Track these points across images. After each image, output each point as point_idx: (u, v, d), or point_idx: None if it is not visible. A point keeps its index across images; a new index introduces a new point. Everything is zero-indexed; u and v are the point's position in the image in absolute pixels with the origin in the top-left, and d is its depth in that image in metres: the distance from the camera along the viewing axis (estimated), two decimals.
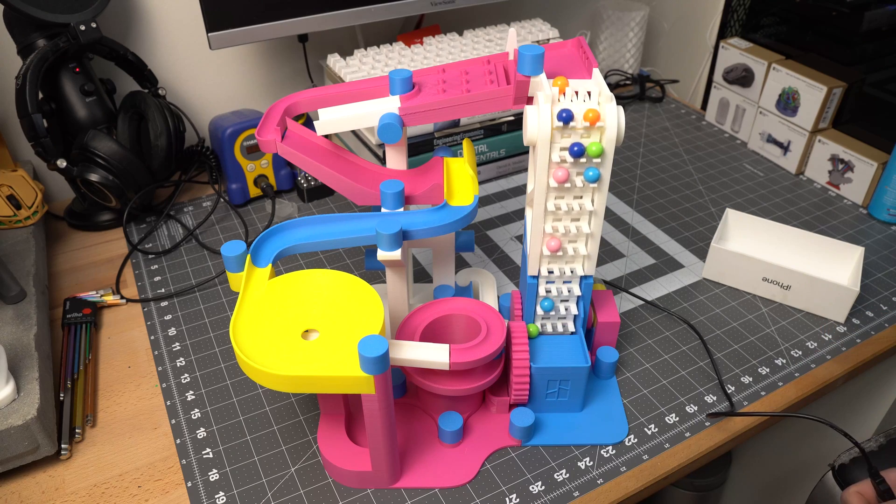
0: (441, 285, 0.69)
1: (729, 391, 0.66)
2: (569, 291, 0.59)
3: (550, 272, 0.58)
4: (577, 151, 0.51)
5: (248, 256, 0.55)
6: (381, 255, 0.55)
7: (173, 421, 0.63)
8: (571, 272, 0.58)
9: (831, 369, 0.68)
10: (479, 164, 0.96)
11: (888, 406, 0.87)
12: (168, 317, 0.75)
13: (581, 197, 0.54)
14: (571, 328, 0.62)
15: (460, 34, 1.01)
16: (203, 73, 0.99)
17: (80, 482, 0.59)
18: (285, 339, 0.49)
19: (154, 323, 0.74)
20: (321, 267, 0.82)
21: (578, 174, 0.53)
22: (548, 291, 0.59)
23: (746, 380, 0.67)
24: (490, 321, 0.59)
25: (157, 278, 0.80)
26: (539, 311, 0.60)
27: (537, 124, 0.50)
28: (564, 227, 0.55)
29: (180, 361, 0.69)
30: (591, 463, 0.59)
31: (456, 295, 0.69)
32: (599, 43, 1.22)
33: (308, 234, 0.57)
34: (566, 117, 0.50)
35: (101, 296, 0.77)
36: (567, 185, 0.53)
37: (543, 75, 0.53)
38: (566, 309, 0.61)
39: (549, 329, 0.62)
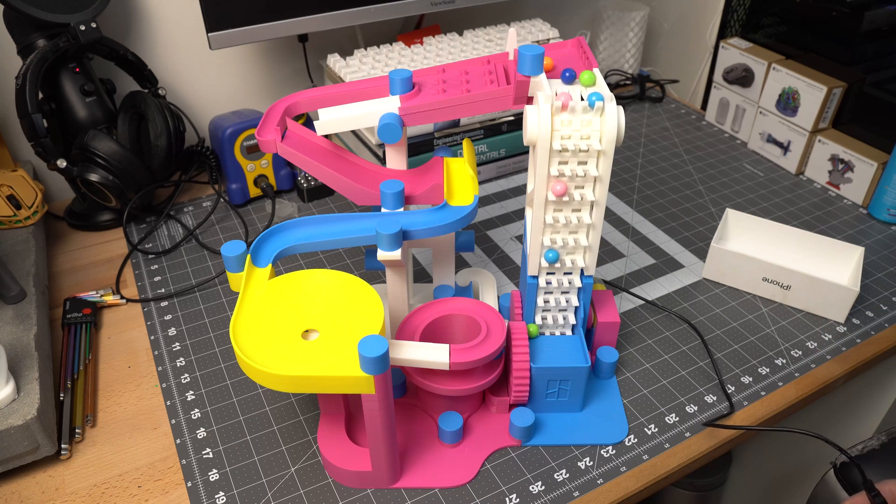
0: (441, 285, 0.69)
1: (729, 391, 0.66)
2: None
3: (556, 220, 0.55)
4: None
5: (248, 256, 0.55)
6: (381, 255, 0.55)
7: (173, 421, 0.63)
8: (578, 221, 0.56)
9: (831, 369, 0.68)
10: (479, 164, 0.96)
11: (888, 406, 0.87)
12: (168, 317, 0.75)
13: (588, 135, 0.52)
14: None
15: (460, 34, 1.01)
16: (203, 73, 0.99)
17: (80, 482, 0.59)
18: (285, 339, 0.49)
19: (154, 323, 0.74)
20: (321, 267, 0.82)
21: (584, 108, 0.51)
22: (553, 242, 0.57)
23: (746, 380, 0.67)
24: (490, 321, 0.59)
25: (157, 278, 0.80)
26: (543, 263, 0.58)
27: (537, 124, 0.50)
28: (571, 171, 0.53)
29: (180, 361, 0.69)
30: (591, 463, 0.59)
31: (456, 295, 0.69)
32: (599, 43, 1.22)
33: (308, 234, 0.57)
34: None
35: (101, 296, 0.77)
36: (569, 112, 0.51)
37: (543, 75, 0.53)
38: (567, 302, 0.61)
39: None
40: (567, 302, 0.60)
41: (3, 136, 0.89)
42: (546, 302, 0.60)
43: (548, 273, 0.59)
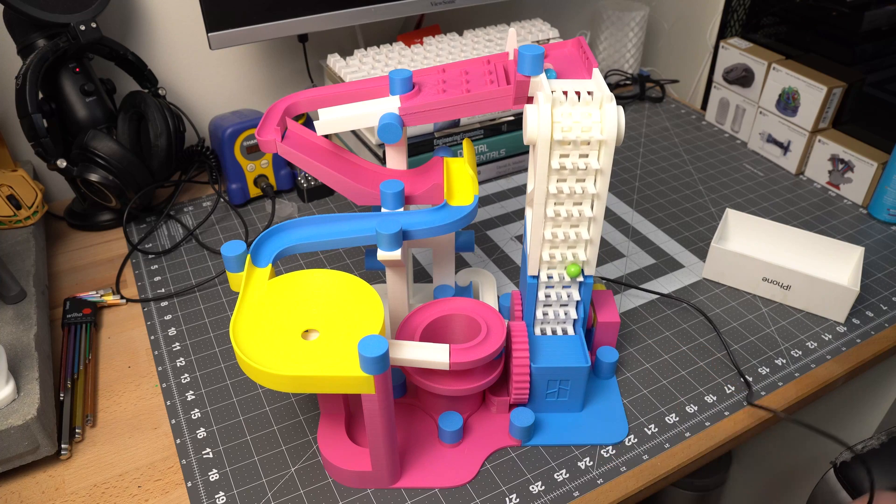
0: (441, 285, 0.69)
1: (728, 391, 0.66)
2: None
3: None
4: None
5: (248, 256, 0.55)
6: (381, 255, 0.55)
7: (173, 421, 0.63)
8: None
9: (831, 369, 0.68)
10: (479, 164, 0.96)
11: (888, 406, 0.87)
12: (168, 317, 0.75)
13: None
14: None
15: (460, 34, 1.01)
16: (203, 73, 0.99)
17: (80, 482, 0.59)
18: (285, 339, 0.49)
19: (154, 323, 0.74)
20: (321, 267, 0.82)
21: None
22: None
23: (747, 379, 0.67)
24: (490, 321, 0.59)
25: (157, 278, 0.80)
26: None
27: (537, 123, 0.50)
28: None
29: (180, 361, 0.69)
30: (591, 463, 0.59)
31: (456, 295, 0.69)
32: (599, 43, 1.22)
33: (308, 234, 0.57)
34: None
35: (101, 296, 0.77)
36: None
37: (543, 75, 0.53)
38: (568, 296, 0.61)
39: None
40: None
41: (3, 136, 0.89)
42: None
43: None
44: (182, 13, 0.93)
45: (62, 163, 0.78)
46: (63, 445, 0.60)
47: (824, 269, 0.78)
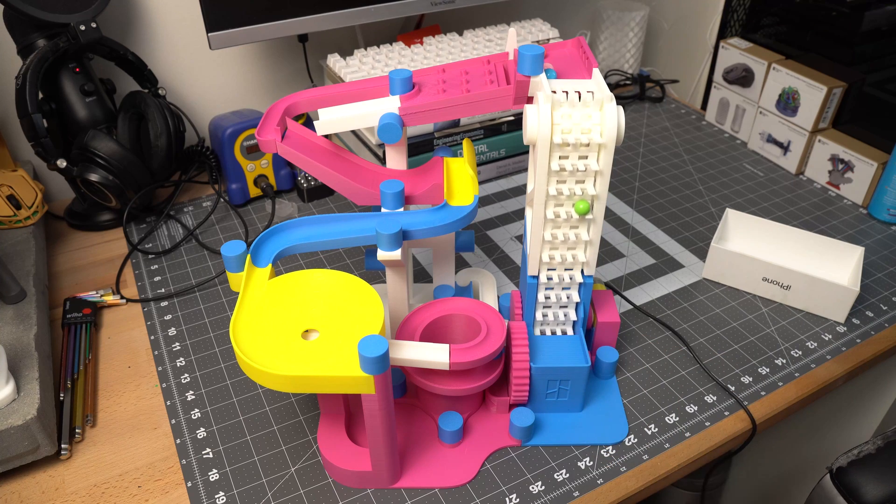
0: (441, 285, 0.69)
1: (730, 391, 0.66)
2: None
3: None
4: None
5: (248, 256, 0.55)
6: (381, 255, 0.55)
7: (173, 421, 0.63)
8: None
9: (831, 369, 0.68)
10: (479, 164, 0.96)
11: (888, 406, 0.87)
12: (168, 317, 0.75)
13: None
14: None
15: (460, 34, 1.01)
16: (203, 73, 0.99)
17: (80, 482, 0.59)
18: (285, 339, 0.49)
19: (154, 323, 0.74)
20: (321, 267, 0.82)
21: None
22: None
23: (746, 380, 0.67)
24: (490, 321, 0.59)
25: (157, 278, 0.80)
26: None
27: (537, 123, 0.50)
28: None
29: (180, 361, 0.69)
30: (591, 463, 0.59)
31: (456, 295, 0.69)
32: (599, 43, 1.22)
33: (308, 234, 0.57)
34: None
35: (101, 296, 0.77)
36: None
37: (543, 75, 0.53)
38: (567, 297, 0.61)
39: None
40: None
41: (3, 136, 0.89)
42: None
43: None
44: (182, 13, 0.93)
45: (62, 163, 0.78)
46: (63, 445, 0.60)
47: (824, 269, 0.78)
